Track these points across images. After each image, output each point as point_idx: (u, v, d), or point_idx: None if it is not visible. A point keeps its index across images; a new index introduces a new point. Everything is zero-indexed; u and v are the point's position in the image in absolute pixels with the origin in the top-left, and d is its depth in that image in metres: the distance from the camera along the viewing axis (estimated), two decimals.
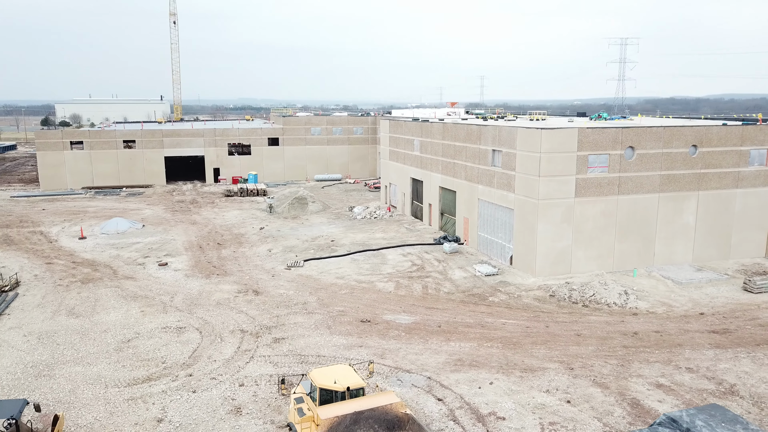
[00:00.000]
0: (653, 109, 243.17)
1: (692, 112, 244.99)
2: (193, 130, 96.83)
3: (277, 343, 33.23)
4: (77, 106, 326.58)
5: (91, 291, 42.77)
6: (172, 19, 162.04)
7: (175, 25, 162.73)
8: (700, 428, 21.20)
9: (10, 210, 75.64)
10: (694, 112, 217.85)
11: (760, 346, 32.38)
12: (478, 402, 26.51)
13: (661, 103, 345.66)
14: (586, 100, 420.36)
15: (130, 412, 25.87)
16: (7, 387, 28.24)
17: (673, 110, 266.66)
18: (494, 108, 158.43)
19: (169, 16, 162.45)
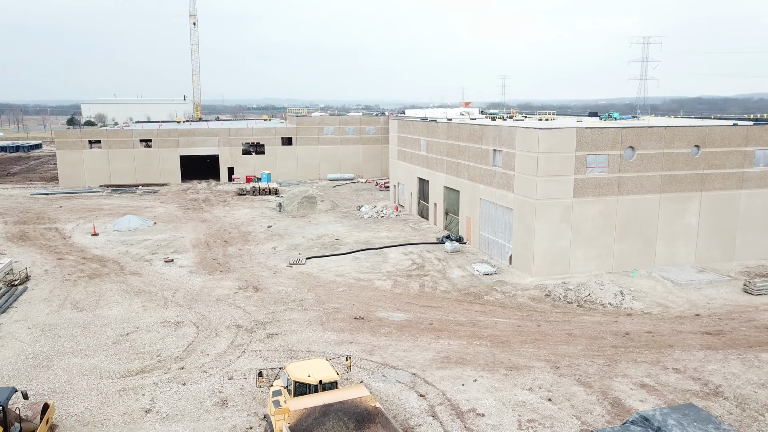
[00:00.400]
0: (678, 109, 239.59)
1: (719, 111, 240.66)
2: (207, 129, 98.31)
3: (270, 339, 33.91)
4: (102, 106, 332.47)
5: (97, 286, 43.95)
6: (192, 21, 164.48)
7: (195, 27, 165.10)
8: (672, 427, 21.29)
9: (29, 207, 77.72)
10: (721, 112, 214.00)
11: (752, 348, 32.15)
12: (460, 399, 26.83)
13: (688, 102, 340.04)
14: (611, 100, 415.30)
15: (120, 403, 26.73)
16: (7, 376, 29.32)
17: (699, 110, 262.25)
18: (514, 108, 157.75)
19: (189, 18, 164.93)
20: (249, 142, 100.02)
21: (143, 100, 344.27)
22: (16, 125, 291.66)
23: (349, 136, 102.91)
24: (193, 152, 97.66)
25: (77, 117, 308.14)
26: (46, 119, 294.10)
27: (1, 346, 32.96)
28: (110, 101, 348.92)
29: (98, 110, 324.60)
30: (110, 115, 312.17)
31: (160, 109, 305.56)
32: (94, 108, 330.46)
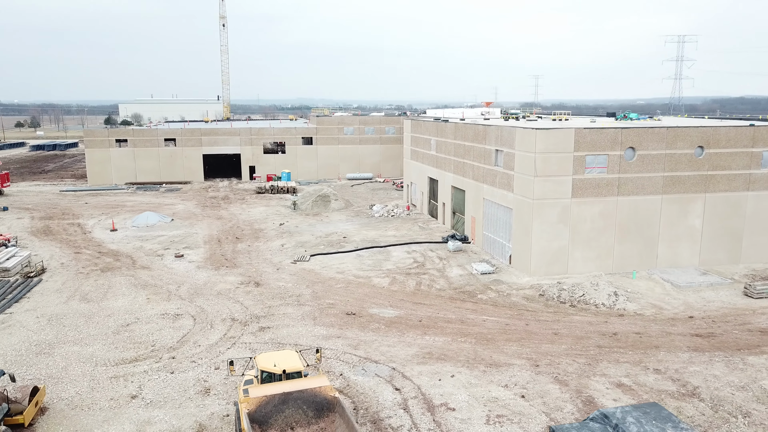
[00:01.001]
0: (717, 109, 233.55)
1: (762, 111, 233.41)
2: (230, 129, 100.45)
3: (262, 332, 34.97)
4: (139, 106, 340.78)
5: (108, 279, 45.75)
6: (222, 23, 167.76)
7: (225, 28, 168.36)
8: (629, 425, 21.50)
9: (56, 203, 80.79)
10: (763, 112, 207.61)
11: (740, 351, 31.85)
12: (434, 393, 27.38)
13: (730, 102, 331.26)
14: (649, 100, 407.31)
15: (109, 388, 28.08)
16: (10, 362, 30.99)
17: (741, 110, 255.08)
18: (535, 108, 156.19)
19: (219, 20, 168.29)
20: (278, 141, 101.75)
21: (178, 101, 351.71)
22: (56, 124, 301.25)
23: (369, 136, 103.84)
24: (216, 151, 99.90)
25: (114, 117, 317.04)
26: (84, 119, 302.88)
27: (9, 334, 34.77)
28: (147, 101, 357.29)
29: (135, 110, 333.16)
30: (146, 114, 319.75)
31: (193, 109, 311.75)
32: (131, 108, 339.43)
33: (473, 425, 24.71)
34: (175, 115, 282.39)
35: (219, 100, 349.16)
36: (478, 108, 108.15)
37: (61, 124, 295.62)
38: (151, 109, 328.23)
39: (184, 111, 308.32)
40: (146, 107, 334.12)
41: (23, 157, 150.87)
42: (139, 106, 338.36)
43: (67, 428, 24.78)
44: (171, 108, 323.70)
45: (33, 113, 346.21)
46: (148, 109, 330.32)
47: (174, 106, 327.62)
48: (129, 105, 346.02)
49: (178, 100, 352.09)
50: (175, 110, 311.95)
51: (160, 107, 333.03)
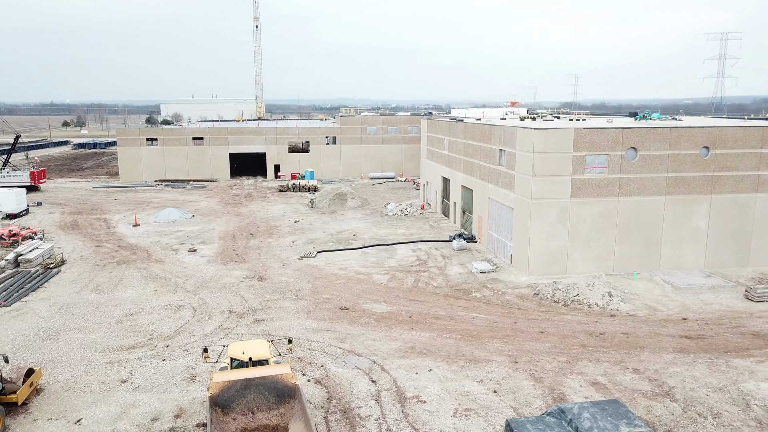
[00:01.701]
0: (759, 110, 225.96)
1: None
2: (256, 128, 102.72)
3: (256, 324, 36.24)
4: (180, 106, 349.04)
5: (121, 271, 47.84)
6: (255, 24, 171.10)
7: (258, 30, 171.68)
8: (584, 420, 21.86)
9: (87, 199, 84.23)
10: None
11: (727, 354, 31.54)
12: (408, 386, 28.10)
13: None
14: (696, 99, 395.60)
15: (102, 373, 29.71)
16: (17, 346, 33.02)
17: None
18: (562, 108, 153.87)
19: (252, 21, 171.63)
20: (296, 140, 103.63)
21: (217, 100, 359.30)
22: (100, 124, 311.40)
23: (392, 136, 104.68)
24: (242, 150, 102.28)
25: (156, 116, 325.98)
26: (126, 118, 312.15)
27: (21, 320, 36.94)
28: (187, 101, 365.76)
29: (175, 110, 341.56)
30: (186, 114, 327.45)
31: (231, 109, 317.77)
32: (172, 108, 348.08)
33: (440, 417, 25.35)
34: (213, 115, 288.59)
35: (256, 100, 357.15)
36: (503, 108, 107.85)
37: (104, 123, 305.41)
38: (191, 109, 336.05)
39: (222, 110, 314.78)
40: (186, 107, 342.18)
41: (65, 154, 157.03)
42: (180, 106, 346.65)
43: (58, 408, 26.42)
44: (210, 108, 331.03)
45: (82, 113, 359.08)
46: (188, 108, 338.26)
47: (212, 106, 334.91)
48: (170, 105, 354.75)
49: (216, 100, 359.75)
50: (213, 110, 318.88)
51: (199, 107, 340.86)
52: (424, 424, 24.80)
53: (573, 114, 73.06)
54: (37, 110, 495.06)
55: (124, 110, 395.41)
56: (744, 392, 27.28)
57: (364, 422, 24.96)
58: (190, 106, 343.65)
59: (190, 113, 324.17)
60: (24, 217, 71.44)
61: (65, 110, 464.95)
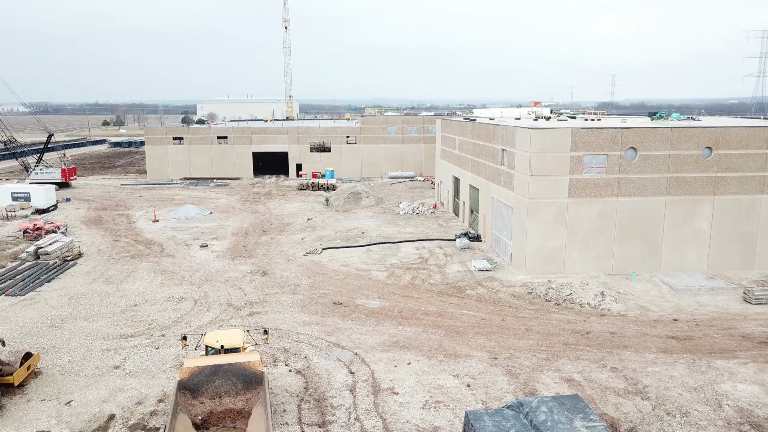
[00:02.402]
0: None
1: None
2: (278, 128, 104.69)
3: (250, 316, 37.52)
4: (215, 106, 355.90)
5: (134, 264, 49.80)
6: (285, 25, 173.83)
7: (287, 31, 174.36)
8: (540, 413, 22.30)
9: (113, 195, 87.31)
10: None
11: (711, 355, 31.40)
12: (384, 378, 28.89)
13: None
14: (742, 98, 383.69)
15: (98, 359, 31.34)
16: (25, 332, 34.96)
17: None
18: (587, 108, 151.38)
19: (282, 23, 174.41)
20: (318, 140, 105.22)
21: (251, 100, 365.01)
22: (138, 123, 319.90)
23: (412, 135, 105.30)
24: (265, 149, 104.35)
25: (191, 116, 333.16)
26: (163, 118, 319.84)
27: (33, 309, 39.01)
28: (222, 101, 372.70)
29: (211, 109, 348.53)
30: (221, 114, 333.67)
31: (264, 109, 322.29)
32: (208, 107, 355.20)
33: (409, 409, 26.08)
34: (246, 115, 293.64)
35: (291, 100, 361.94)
36: (526, 108, 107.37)
37: (142, 122, 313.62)
38: (226, 109, 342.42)
39: (255, 110, 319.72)
40: (222, 107, 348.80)
41: (100, 153, 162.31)
42: (215, 106, 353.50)
43: (52, 390, 28.07)
44: (244, 107, 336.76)
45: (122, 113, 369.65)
46: (223, 108, 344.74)
47: (246, 106, 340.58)
48: (206, 105, 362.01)
49: (251, 100, 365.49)
50: (247, 109, 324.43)
51: (234, 106, 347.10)
52: (392, 415, 25.57)
53: (588, 114, 72.59)
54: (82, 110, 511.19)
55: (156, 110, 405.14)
56: (719, 393, 27.23)
57: (335, 411, 25.87)
58: (226, 105, 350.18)
59: (225, 113, 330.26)
60: (52, 212, 74.57)
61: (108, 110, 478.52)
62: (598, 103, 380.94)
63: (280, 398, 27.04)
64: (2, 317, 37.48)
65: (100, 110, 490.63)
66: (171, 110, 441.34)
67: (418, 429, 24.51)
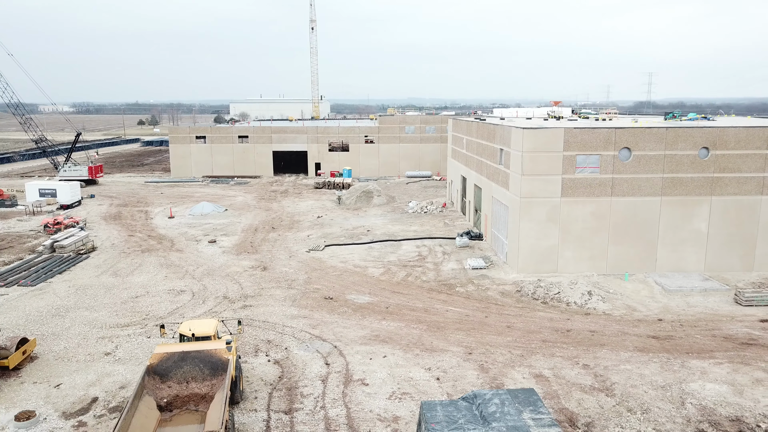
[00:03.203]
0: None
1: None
2: (297, 127, 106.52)
3: (242, 309, 38.88)
4: (247, 105, 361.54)
5: (142, 258, 51.81)
6: (311, 26, 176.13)
7: (314, 31, 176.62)
8: (491, 405, 22.95)
9: (136, 192, 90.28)
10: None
11: (688, 354, 31.42)
12: (357, 370, 29.82)
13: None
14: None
15: (92, 346, 33.06)
16: (29, 320, 36.98)
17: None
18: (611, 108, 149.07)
19: (309, 23, 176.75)
20: (336, 139, 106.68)
21: (282, 100, 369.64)
22: (172, 122, 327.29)
23: (430, 135, 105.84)
24: (285, 148, 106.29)
25: (223, 115, 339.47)
26: (196, 117, 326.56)
27: (40, 298, 41.14)
28: (255, 101, 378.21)
29: (243, 109, 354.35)
30: (253, 113, 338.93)
31: (295, 108, 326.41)
32: (240, 107, 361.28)
33: (375, 399, 26.95)
34: (277, 114, 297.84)
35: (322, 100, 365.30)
36: (546, 107, 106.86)
37: (176, 122, 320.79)
38: (258, 108, 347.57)
39: (287, 110, 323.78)
40: (254, 106, 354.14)
41: (132, 151, 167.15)
42: (248, 105, 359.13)
43: (45, 374, 29.82)
44: (275, 107, 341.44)
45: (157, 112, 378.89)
46: (256, 108, 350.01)
47: (278, 105, 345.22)
48: (238, 104, 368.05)
49: (282, 100, 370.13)
50: (278, 109, 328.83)
51: (266, 106, 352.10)
52: (357, 404, 26.49)
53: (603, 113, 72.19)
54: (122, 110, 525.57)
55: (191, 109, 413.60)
56: (686, 391, 27.36)
57: (304, 399, 26.93)
58: (258, 105, 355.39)
59: (257, 112, 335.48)
60: (76, 207, 77.66)
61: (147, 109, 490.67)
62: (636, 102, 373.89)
63: (254, 386, 28.25)
64: (12, 305, 39.67)
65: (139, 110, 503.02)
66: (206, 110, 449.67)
67: (379, 418, 25.38)
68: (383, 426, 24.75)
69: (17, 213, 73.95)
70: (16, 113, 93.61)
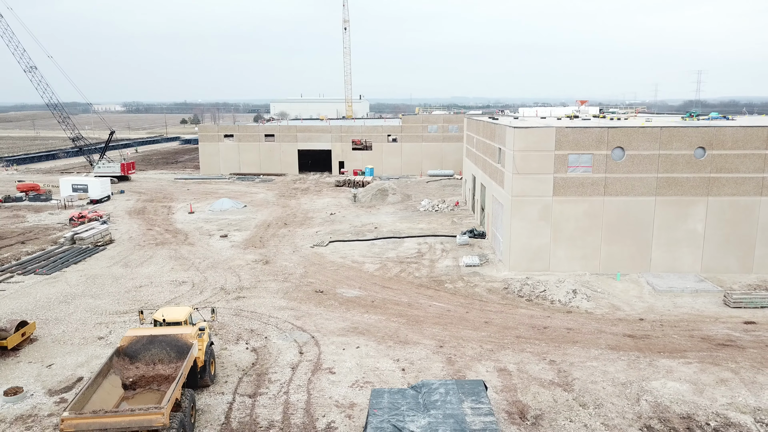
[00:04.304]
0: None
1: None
2: (321, 126, 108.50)
3: (236, 300, 40.61)
4: (287, 105, 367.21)
5: (154, 251, 54.28)
6: (344, 26, 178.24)
7: (347, 32, 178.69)
8: (436, 394, 23.90)
9: (164, 188, 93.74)
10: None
11: (659, 353, 31.48)
12: (328, 359, 31.04)
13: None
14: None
15: (88, 331, 35.27)
16: (38, 305, 39.54)
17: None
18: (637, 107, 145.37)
19: (342, 23, 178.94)
20: (359, 138, 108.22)
21: (321, 99, 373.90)
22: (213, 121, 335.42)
23: (452, 134, 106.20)
24: (309, 147, 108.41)
25: (264, 115, 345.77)
26: (236, 116, 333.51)
27: (52, 286, 43.82)
28: (295, 100, 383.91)
29: (283, 108, 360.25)
30: (293, 113, 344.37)
31: (333, 108, 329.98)
32: (280, 107, 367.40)
33: (337, 387, 28.11)
34: (316, 113, 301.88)
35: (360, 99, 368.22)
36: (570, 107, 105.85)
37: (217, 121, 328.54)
38: (297, 108, 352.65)
39: (324, 109, 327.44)
40: (293, 106, 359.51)
41: (169, 149, 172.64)
42: (287, 105, 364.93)
43: (41, 355, 32.09)
44: (314, 106, 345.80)
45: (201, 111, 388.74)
46: (295, 107, 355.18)
47: (316, 105, 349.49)
48: (279, 104, 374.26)
49: (321, 99, 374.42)
50: (316, 108, 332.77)
51: (306, 105, 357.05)
52: (319, 391, 27.71)
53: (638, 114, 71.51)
54: (169, 109, 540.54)
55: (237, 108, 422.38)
56: (645, 389, 27.58)
57: (270, 385, 28.32)
58: (297, 105, 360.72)
59: (297, 112, 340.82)
60: (105, 202, 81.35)
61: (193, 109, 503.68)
62: (685, 101, 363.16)
63: (227, 371, 29.81)
64: (25, 292, 42.42)
65: (185, 109, 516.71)
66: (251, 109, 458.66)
67: (336, 404, 26.53)
68: (338, 412, 25.90)
69: (50, 207, 78.02)
70: (55, 112, 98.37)
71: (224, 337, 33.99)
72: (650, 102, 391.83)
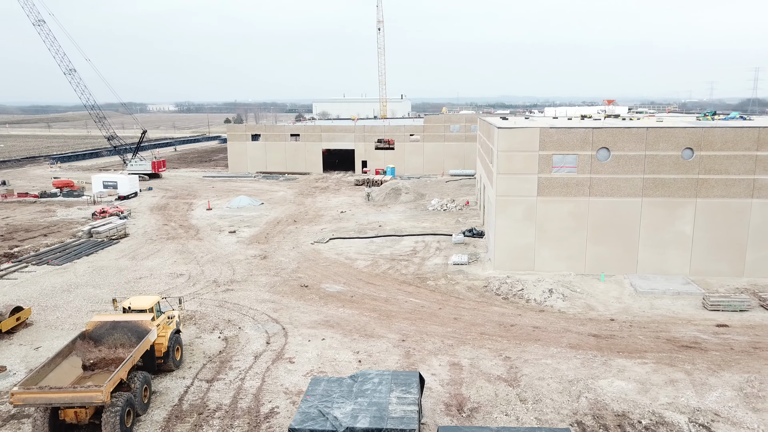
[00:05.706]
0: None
1: None
2: (346, 126, 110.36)
3: (224, 292, 42.52)
4: (329, 105, 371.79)
5: (163, 245, 56.94)
6: (378, 27, 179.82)
7: (381, 32, 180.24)
8: (369, 383, 24.99)
9: (191, 186, 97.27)
10: None
11: (618, 353, 31.63)
12: (292, 349, 32.48)
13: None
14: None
15: (79, 317, 37.75)
16: (42, 293, 42.40)
17: None
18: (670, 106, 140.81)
19: (376, 24, 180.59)
20: (382, 138, 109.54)
21: (363, 99, 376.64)
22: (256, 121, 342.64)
23: (474, 134, 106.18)
24: (333, 146, 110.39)
25: (306, 115, 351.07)
26: (277, 116, 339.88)
27: (60, 276, 46.76)
28: (337, 100, 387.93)
29: (325, 108, 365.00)
30: (334, 112, 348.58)
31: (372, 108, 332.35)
32: (323, 106, 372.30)
33: (292, 375, 29.51)
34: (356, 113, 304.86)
35: (402, 99, 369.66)
36: (596, 106, 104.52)
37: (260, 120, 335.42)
38: (339, 108, 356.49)
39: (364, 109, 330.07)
40: (334, 105, 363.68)
41: (207, 148, 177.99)
42: (329, 105, 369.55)
43: (32, 338, 34.66)
44: (355, 106, 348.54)
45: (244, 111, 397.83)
46: (335, 107, 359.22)
47: (358, 105, 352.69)
48: (321, 104, 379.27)
49: (363, 99, 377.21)
50: (356, 108, 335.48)
51: (347, 105, 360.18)
52: (273, 379, 29.16)
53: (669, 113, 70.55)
54: (219, 109, 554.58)
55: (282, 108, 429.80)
56: (590, 387, 27.92)
57: (230, 372, 29.94)
58: (339, 104, 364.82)
59: (338, 111, 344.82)
60: (132, 199, 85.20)
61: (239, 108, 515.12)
62: (741, 100, 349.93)
63: (195, 358, 31.61)
64: (34, 281, 45.47)
65: (234, 109, 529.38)
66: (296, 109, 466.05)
67: (285, 391, 27.92)
68: (285, 398, 27.28)
69: (81, 202, 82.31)
70: (92, 112, 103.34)
71: (202, 327, 35.87)
72: (706, 101, 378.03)
